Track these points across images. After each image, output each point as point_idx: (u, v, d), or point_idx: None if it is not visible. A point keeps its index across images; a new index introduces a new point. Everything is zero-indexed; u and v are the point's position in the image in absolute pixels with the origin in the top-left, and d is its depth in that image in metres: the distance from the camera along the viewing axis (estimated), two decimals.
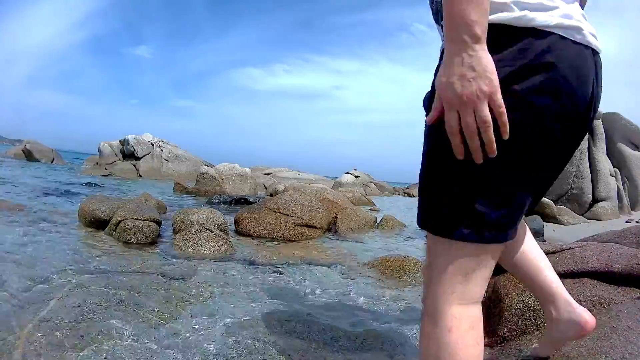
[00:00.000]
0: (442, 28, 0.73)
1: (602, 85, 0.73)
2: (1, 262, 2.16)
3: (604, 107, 8.72)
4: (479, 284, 0.72)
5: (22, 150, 18.28)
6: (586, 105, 0.69)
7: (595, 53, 0.69)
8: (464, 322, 0.70)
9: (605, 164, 8.14)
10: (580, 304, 1.47)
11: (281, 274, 2.50)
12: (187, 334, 1.49)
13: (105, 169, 14.29)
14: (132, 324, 1.51)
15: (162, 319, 1.60)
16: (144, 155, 15.00)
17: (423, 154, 0.73)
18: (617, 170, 8.59)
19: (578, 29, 0.65)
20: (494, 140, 0.62)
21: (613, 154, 8.67)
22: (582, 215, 7.56)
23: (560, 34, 0.63)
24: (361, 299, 2.06)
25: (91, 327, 1.45)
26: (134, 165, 14.66)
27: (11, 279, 1.91)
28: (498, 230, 0.68)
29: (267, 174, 14.70)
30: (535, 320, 1.49)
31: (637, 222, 6.68)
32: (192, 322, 1.60)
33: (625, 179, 8.90)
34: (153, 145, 15.59)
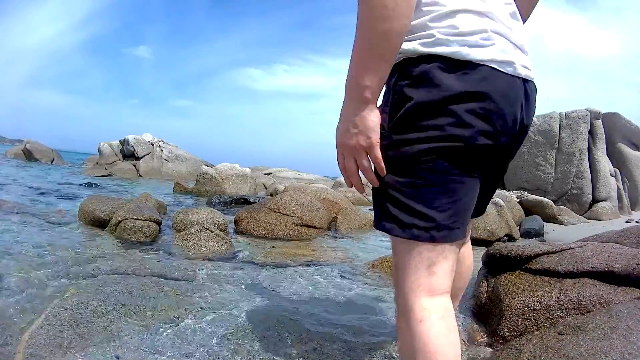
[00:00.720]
0: None
1: (535, 105, 0.85)
2: (1, 263, 2.16)
3: (604, 107, 8.73)
4: (443, 276, 0.79)
5: (22, 150, 18.28)
6: (513, 123, 0.78)
7: (526, 81, 0.79)
8: (433, 313, 0.76)
9: (605, 164, 8.13)
10: (581, 304, 1.47)
11: (281, 274, 2.50)
12: (187, 335, 1.49)
13: (105, 169, 14.29)
14: (132, 324, 1.51)
15: (162, 319, 1.60)
16: (144, 155, 15.00)
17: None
18: (617, 170, 8.58)
19: (510, 63, 0.75)
20: (376, 179, 0.78)
21: (613, 154, 8.66)
22: (582, 215, 7.56)
23: (493, 66, 0.73)
24: (361, 299, 2.06)
25: (91, 327, 1.45)
26: (134, 165, 14.65)
27: (11, 279, 1.91)
28: (449, 230, 0.77)
29: (267, 174, 14.69)
30: (535, 320, 1.49)
31: (637, 222, 6.68)
32: (192, 323, 1.60)
33: (625, 179, 8.90)
34: (153, 145, 15.59)
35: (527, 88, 0.80)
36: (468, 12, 0.74)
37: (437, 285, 0.78)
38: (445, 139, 0.72)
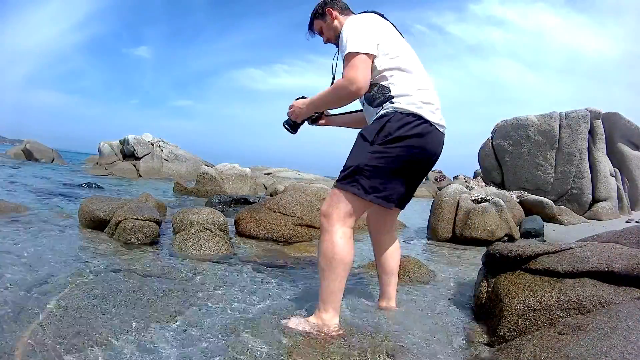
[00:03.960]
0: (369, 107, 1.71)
1: (444, 146, 1.69)
2: (1, 263, 2.16)
3: (604, 107, 8.73)
4: (354, 220, 1.58)
5: (22, 150, 18.28)
6: (435, 156, 1.66)
7: (444, 134, 1.66)
8: (346, 236, 1.54)
9: (605, 164, 8.13)
10: (581, 304, 1.47)
11: (281, 274, 2.50)
12: (188, 335, 1.49)
13: (105, 169, 14.29)
14: (132, 325, 1.51)
15: (162, 319, 1.60)
16: (144, 155, 15.00)
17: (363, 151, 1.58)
18: (617, 170, 8.58)
19: (441, 125, 1.64)
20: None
21: (613, 154, 8.66)
22: (582, 215, 7.56)
23: (435, 125, 1.60)
24: (361, 299, 2.06)
25: (91, 327, 1.45)
26: (134, 165, 14.65)
27: (11, 279, 1.91)
28: (384, 199, 1.57)
29: (267, 174, 14.69)
30: (535, 320, 1.49)
31: (637, 222, 6.67)
32: (192, 323, 1.60)
33: (625, 179, 8.90)
34: (153, 145, 15.58)
35: (443, 135, 1.67)
36: (428, 90, 1.63)
37: (351, 223, 1.57)
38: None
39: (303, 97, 1.81)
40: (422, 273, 2.63)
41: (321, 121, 2.02)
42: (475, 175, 14.35)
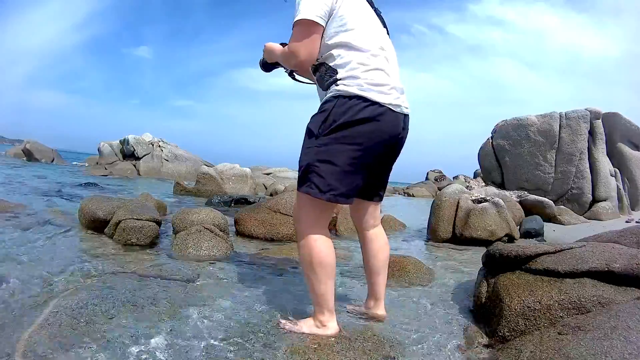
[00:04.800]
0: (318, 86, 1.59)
1: (409, 129, 1.57)
2: (1, 263, 2.16)
3: (604, 107, 8.72)
4: (325, 220, 1.53)
5: (22, 150, 18.29)
6: (395, 138, 1.50)
7: (405, 115, 1.52)
8: (320, 237, 1.47)
9: (605, 164, 8.13)
10: (581, 304, 1.47)
11: (281, 274, 2.50)
12: (188, 335, 1.49)
13: (105, 169, 14.29)
14: (132, 325, 1.51)
15: (162, 319, 1.60)
16: (144, 155, 15.00)
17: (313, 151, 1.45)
18: (617, 170, 8.58)
19: (397, 105, 1.46)
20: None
21: (613, 154, 8.66)
22: (582, 215, 7.56)
23: (388, 106, 1.42)
24: (361, 299, 2.06)
25: (91, 327, 1.45)
26: (134, 165, 14.66)
27: (11, 279, 1.91)
28: (341, 196, 1.43)
29: (267, 174, 14.69)
30: (535, 320, 1.49)
31: (637, 222, 6.67)
32: (192, 323, 1.60)
33: (625, 179, 8.90)
34: (153, 145, 15.59)
35: (405, 118, 1.53)
36: (381, 71, 1.45)
37: (323, 225, 1.51)
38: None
39: (284, 44, 1.62)
40: (421, 273, 2.63)
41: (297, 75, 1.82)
42: (475, 175, 14.36)
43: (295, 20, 1.42)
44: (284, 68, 1.75)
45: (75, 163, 19.40)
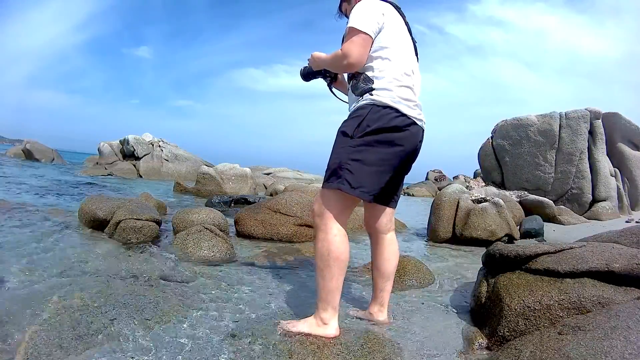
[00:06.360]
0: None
1: (423, 140, 1.69)
2: (1, 263, 2.16)
3: (604, 107, 8.73)
4: (346, 217, 1.59)
5: (22, 150, 18.28)
6: (414, 149, 1.65)
7: (423, 130, 1.67)
8: (340, 233, 1.54)
9: (605, 164, 8.13)
10: (581, 304, 1.47)
11: (281, 274, 2.50)
12: (188, 335, 1.49)
13: (105, 168, 14.28)
14: (132, 325, 1.51)
15: (162, 319, 1.60)
16: (144, 155, 14.99)
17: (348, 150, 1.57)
18: (617, 170, 8.58)
19: (420, 120, 1.63)
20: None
21: (613, 154, 8.66)
22: (582, 215, 7.56)
23: (413, 119, 1.59)
24: (361, 300, 2.06)
25: (91, 328, 1.45)
26: (134, 165, 14.65)
27: (11, 279, 1.91)
28: (368, 193, 1.53)
29: (267, 174, 14.69)
30: (535, 320, 1.49)
31: (637, 222, 6.67)
32: (192, 323, 1.60)
33: (625, 179, 8.90)
34: (153, 145, 15.58)
35: (423, 131, 1.68)
36: (410, 89, 1.62)
37: (344, 220, 1.57)
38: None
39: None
40: (421, 273, 2.63)
41: (335, 84, 2.00)
42: (475, 175, 14.35)
43: (351, 26, 1.58)
44: (325, 79, 1.94)
45: (75, 163, 19.39)
